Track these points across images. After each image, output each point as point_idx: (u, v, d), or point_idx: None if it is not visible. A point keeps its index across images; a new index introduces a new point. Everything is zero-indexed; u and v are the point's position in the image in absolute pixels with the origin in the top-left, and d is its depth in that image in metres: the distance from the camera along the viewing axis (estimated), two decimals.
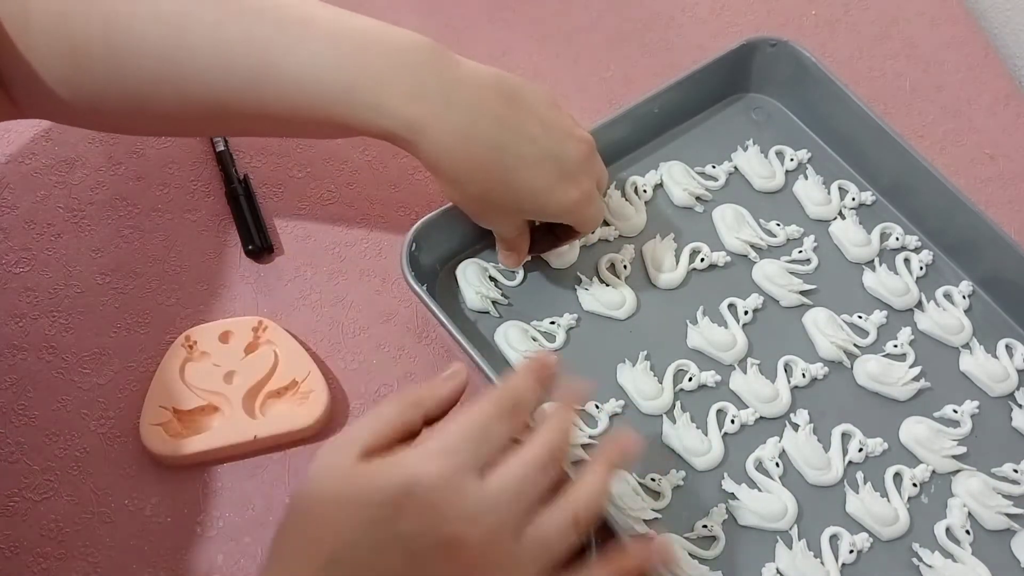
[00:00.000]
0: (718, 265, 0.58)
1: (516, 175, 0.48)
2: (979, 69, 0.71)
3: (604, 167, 0.54)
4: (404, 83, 0.46)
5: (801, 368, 0.55)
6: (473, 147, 0.47)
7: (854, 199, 0.61)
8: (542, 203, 0.50)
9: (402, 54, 0.46)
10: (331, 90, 0.45)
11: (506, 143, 0.47)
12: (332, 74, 0.45)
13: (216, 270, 0.56)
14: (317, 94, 0.46)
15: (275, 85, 0.46)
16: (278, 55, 0.45)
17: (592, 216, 0.53)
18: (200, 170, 0.59)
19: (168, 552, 0.48)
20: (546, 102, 0.51)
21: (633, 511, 0.49)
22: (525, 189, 0.49)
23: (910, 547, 0.51)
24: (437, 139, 0.46)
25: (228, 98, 0.46)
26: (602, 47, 0.69)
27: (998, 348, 0.57)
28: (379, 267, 0.57)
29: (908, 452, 0.53)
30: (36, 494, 0.49)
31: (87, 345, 0.53)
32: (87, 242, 0.56)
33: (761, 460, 0.52)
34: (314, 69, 0.45)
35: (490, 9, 0.70)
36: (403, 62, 0.46)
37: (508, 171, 0.48)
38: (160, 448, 0.49)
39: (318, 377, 0.52)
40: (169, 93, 0.46)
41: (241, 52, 0.45)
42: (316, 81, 0.45)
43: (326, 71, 0.45)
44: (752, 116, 0.65)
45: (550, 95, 0.52)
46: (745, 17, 0.71)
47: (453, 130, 0.46)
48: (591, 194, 0.51)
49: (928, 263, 0.60)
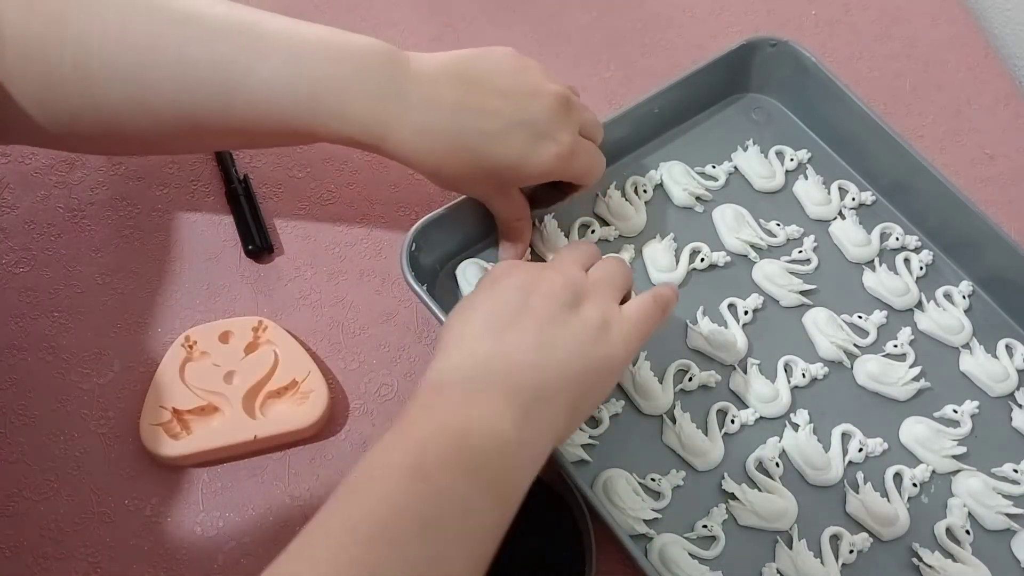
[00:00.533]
0: (718, 265, 0.58)
1: (485, 152, 0.49)
2: (979, 69, 0.71)
3: (589, 114, 0.53)
4: (363, 90, 0.47)
5: (801, 368, 0.55)
6: (435, 141, 0.48)
7: (854, 199, 0.62)
8: (522, 171, 0.50)
9: (359, 61, 0.47)
10: (294, 103, 0.47)
11: (467, 126, 0.48)
12: (294, 87, 0.47)
13: (216, 270, 0.56)
14: (281, 108, 0.47)
15: (242, 102, 0.47)
16: (242, 73, 0.46)
17: (584, 165, 0.52)
18: (200, 170, 0.59)
19: (168, 552, 0.48)
20: (507, 67, 0.51)
21: (633, 511, 0.49)
22: (499, 163, 0.49)
23: (910, 547, 0.51)
24: (400, 139, 0.48)
25: (198, 117, 0.48)
26: (602, 47, 0.69)
27: (998, 348, 0.57)
28: (379, 267, 0.57)
29: (908, 452, 0.53)
30: (36, 494, 0.49)
31: (87, 345, 0.53)
32: (87, 242, 0.56)
33: (761, 460, 0.52)
34: (276, 84, 0.46)
35: (490, 9, 0.70)
36: (360, 69, 0.47)
37: (475, 151, 0.49)
38: (160, 448, 0.49)
39: (318, 377, 0.52)
40: (141, 114, 0.47)
41: (207, 72, 0.46)
42: (279, 95, 0.47)
43: (288, 85, 0.47)
44: (752, 116, 0.65)
45: (511, 56, 0.52)
46: (745, 17, 0.71)
47: (414, 128, 0.48)
48: (573, 146, 0.51)
49: (928, 263, 0.60)
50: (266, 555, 0.48)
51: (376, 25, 0.67)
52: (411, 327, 0.56)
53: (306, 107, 0.47)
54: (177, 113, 0.47)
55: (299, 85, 0.47)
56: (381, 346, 0.55)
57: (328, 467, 0.51)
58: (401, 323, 0.56)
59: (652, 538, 0.49)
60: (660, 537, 0.49)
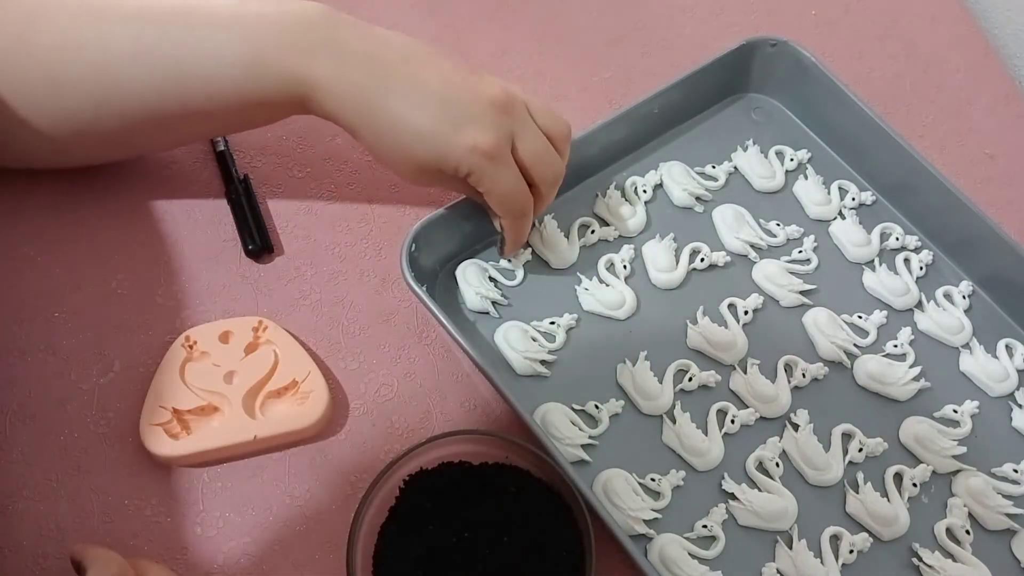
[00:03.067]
0: (718, 265, 0.58)
1: (399, 116, 0.48)
2: (979, 69, 0.71)
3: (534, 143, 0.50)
4: (298, 46, 0.48)
5: (801, 368, 0.55)
6: (361, 94, 0.48)
7: (854, 199, 0.62)
8: (429, 146, 0.49)
9: (296, 21, 0.49)
10: (238, 72, 0.48)
11: (393, 87, 0.48)
12: (236, 57, 0.48)
13: (216, 270, 0.56)
14: (229, 80, 0.48)
15: (198, 82, 0.48)
16: (191, 53, 0.48)
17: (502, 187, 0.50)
18: (200, 170, 0.59)
19: (168, 552, 0.48)
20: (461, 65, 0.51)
21: (633, 511, 0.49)
22: (409, 131, 0.49)
23: (910, 547, 0.51)
24: (330, 90, 0.48)
25: (162, 105, 0.49)
26: (602, 47, 0.69)
27: (998, 348, 0.57)
28: (379, 267, 0.57)
29: (908, 452, 0.53)
30: (36, 494, 0.49)
31: (87, 345, 0.53)
32: (87, 242, 0.56)
33: (761, 460, 0.52)
34: (222, 57, 0.48)
35: (490, 9, 0.70)
36: (296, 28, 0.48)
37: (391, 113, 0.48)
38: (160, 448, 0.49)
39: (318, 377, 0.52)
40: (108, 115, 0.50)
41: (161, 59, 0.48)
42: (226, 68, 0.48)
43: (231, 56, 0.48)
44: (752, 116, 0.65)
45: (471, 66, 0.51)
46: (745, 17, 0.71)
47: (347, 82, 0.48)
48: (496, 151, 0.49)
49: (928, 263, 0.60)
50: (266, 555, 0.48)
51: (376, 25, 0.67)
52: (411, 327, 0.56)
53: (251, 74, 0.48)
54: (141, 107, 0.49)
55: (241, 54, 0.48)
56: (381, 346, 0.55)
57: (328, 467, 0.51)
58: (401, 323, 0.56)
59: (652, 538, 0.49)
60: (660, 537, 0.49)
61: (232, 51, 0.48)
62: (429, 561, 0.45)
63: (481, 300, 0.55)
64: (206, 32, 0.48)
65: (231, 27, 0.48)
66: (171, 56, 0.48)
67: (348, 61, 0.48)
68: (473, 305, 0.55)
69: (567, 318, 0.55)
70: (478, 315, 0.55)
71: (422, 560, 0.45)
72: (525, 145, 0.50)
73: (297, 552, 0.48)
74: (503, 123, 0.49)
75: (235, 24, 0.48)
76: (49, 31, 0.48)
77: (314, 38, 0.48)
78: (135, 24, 0.48)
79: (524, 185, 0.51)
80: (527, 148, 0.50)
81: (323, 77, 0.48)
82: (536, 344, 0.54)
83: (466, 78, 0.50)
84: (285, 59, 0.48)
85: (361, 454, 0.51)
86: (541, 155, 0.51)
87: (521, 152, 0.50)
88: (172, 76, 0.48)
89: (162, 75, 0.48)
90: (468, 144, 0.48)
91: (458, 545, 0.46)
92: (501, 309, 0.55)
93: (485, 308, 0.55)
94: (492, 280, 0.56)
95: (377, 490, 0.46)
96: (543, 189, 0.52)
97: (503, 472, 0.48)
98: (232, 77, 0.48)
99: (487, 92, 0.49)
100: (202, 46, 0.48)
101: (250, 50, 0.48)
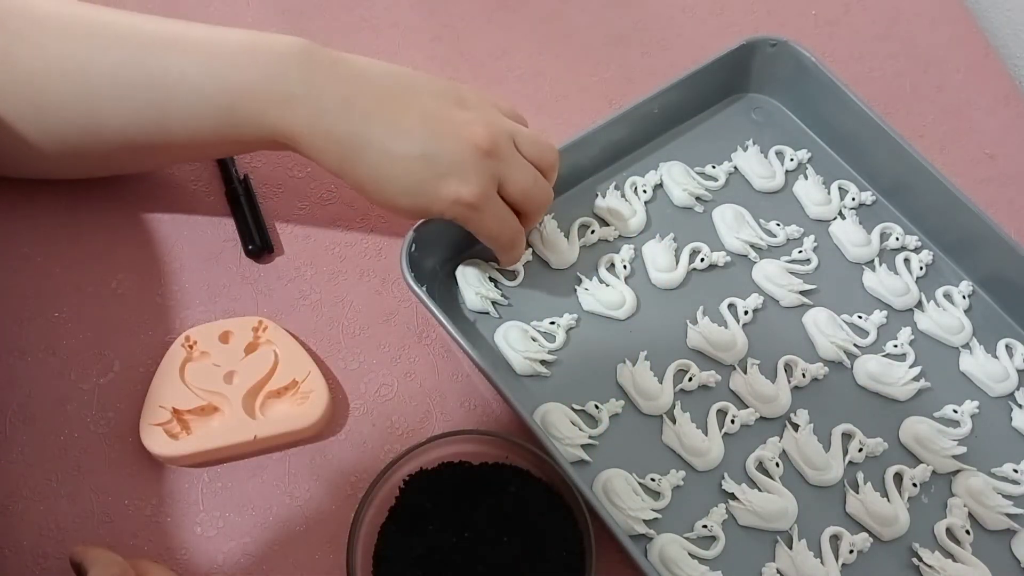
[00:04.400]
0: (718, 265, 0.58)
1: (382, 173, 0.48)
2: (979, 69, 0.71)
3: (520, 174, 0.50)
4: (272, 98, 0.47)
5: (801, 368, 0.55)
6: (340, 148, 0.48)
7: (854, 199, 0.62)
8: (412, 199, 0.49)
9: (273, 63, 0.48)
10: (215, 112, 0.48)
11: (372, 139, 0.47)
12: (212, 97, 0.47)
13: (216, 270, 0.56)
14: (206, 117, 0.48)
15: (175, 114, 0.48)
16: (168, 86, 0.47)
17: (490, 228, 0.50)
18: (200, 170, 0.59)
19: (168, 552, 0.48)
20: (440, 90, 0.50)
21: (633, 511, 0.49)
22: (391, 184, 0.48)
23: (910, 547, 0.51)
24: (310, 143, 0.48)
25: (143, 135, 0.49)
26: (602, 47, 0.69)
27: (998, 348, 0.57)
28: (379, 267, 0.57)
29: (908, 452, 0.53)
30: (36, 494, 0.49)
31: (87, 345, 0.53)
32: (87, 242, 0.56)
33: (761, 460, 0.52)
34: (198, 94, 0.47)
35: (490, 9, 0.70)
36: (272, 75, 0.47)
37: (373, 169, 0.48)
38: (160, 448, 0.49)
39: (318, 377, 0.52)
40: (92, 141, 0.50)
41: (141, 89, 0.48)
42: (202, 105, 0.48)
43: (207, 94, 0.48)
44: (752, 116, 0.65)
45: (456, 90, 0.50)
46: (745, 17, 0.71)
47: (325, 135, 0.48)
48: (481, 199, 0.48)
49: (928, 263, 0.60)
50: (266, 555, 0.48)
51: (376, 25, 0.67)
52: (411, 327, 0.56)
53: (227, 115, 0.48)
54: (121, 133, 0.49)
55: (216, 95, 0.47)
56: (381, 346, 0.55)
57: (328, 467, 0.51)
58: (401, 323, 0.56)
59: (652, 538, 0.49)
60: (660, 537, 0.49)
61: (205, 92, 0.47)
62: (429, 561, 0.45)
63: (481, 300, 0.55)
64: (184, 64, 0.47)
65: (205, 63, 0.47)
66: (151, 85, 0.47)
67: (326, 112, 0.47)
68: (473, 305, 0.55)
69: (567, 318, 0.55)
70: (478, 315, 0.55)
71: (422, 560, 0.45)
72: (513, 184, 0.50)
73: (297, 552, 0.48)
74: (487, 167, 0.49)
75: (208, 58, 0.47)
76: (32, 54, 0.47)
77: (291, 85, 0.47)
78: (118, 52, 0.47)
79: (512, 220, 0.51)
80: (515, 186, 0.50)
81: (301, 128, 0.47)
82: (536, 344, 0.54)
83: (450, 117, 0.49)
84: (262, 110, 0.47)
85: (361, 454, 0.51)
86: (529, 190, 0.50)
87: (510, 190, 0.50)
88: (151, 106, 0.48)
89: (141, 105, 0.48)
90: (451, 197, 0.48)
91: (458, 545, 0.46)
92: (501, 309, 0.55)
93: (485, 308, 0.55)
94: (492, 280, 0.56)
95: (377, 490, 0.46)
96: (532, 217, 0.52)
97: (503, 472, 0.48)
98: (211, 118, 0.48)
99: (470, 137, 0.48)
100: (180, 81, 0.47)
101: (228, 99, 0.47)
